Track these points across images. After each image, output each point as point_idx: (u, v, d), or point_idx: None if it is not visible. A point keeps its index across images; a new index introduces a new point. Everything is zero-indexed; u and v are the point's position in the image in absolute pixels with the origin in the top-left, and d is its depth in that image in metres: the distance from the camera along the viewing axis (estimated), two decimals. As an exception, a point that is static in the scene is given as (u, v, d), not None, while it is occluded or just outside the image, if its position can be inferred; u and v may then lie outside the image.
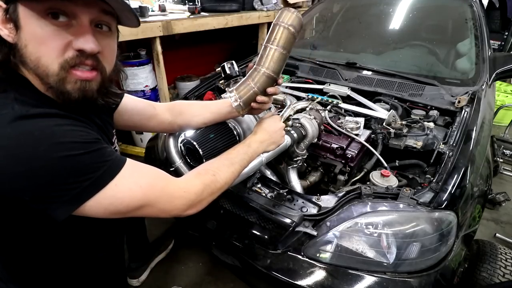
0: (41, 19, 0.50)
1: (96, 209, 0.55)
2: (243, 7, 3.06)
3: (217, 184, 0.72)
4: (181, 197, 0.65)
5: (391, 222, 0.91)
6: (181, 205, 0.65)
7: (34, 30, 0.50)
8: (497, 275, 1.12)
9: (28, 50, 0.51)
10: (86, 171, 0.52)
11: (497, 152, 2.52)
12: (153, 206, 0.62)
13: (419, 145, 1.21)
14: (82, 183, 0.51)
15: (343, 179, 1.21)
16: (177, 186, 0.66)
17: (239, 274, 1.20)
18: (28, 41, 0.51)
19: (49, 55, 0.52)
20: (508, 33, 3.37)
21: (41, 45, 0.51)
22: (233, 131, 0.98)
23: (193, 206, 0.68)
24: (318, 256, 0.94)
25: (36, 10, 0.49)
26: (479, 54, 1.59)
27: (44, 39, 0.51)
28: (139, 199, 0.59)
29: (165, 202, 0.63)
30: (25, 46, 0.51)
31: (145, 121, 0.94)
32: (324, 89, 1.58)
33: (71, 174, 0.50)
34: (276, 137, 0.92)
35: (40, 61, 0.52)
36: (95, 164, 0.53)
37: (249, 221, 1.09)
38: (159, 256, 1.69)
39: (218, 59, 3.81)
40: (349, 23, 2.32)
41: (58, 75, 0.53)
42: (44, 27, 0.50)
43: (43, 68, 0.52)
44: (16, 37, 0.51)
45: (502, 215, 2.08)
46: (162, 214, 0.64)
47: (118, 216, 0.59)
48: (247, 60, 2.08)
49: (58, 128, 0.51)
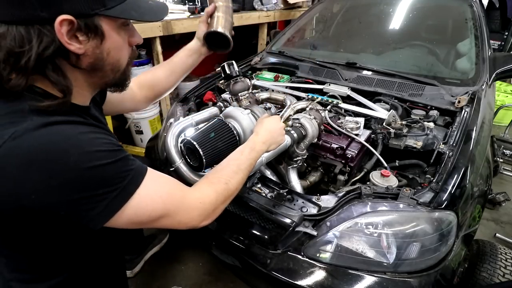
0: (120, 29, 0.59)
1: (122, 220, 0.56)
2: (243, 7, 3.06)
3: (229, 191, 0.74)
4: (198, 208, 0.66)
5: (391, 222, 0.91)
6: (197, 216, 0.67)
7: (117, 40, 0.59)
8: (497, 275, 1.12)
9: (111, 56, 0.60)
10: (114, 181, 0.53)
11: (497, 152, 2.52)
12: (172, 216, 0.63)
13: (419, 145, 1.21)
14: (111, 193, 0.53)
15: (343, 179, 1.21)
16: (194, 197, 0.67)
17: (239, 274, 1.20)
18: (111, 49, 0.59)
19: (124, 56, 0.64)
20: (508, 33, 3.37)
21: (120, 50, 0.61)
22: (233, 131, 0.98)
23: (208, 217, 0.69)
24: (318, 256, 0.94)
25: (118, 25, 0.58)
26: (479, 54, 1.59)
27: (123, 44, 0.62)
28: (160, 208, 0.60)
29: (183, 213, 0.65)
30: (108, 54, 0.59)
31: (124, 104, 1.00)
32: (324, 89, 1.58)
33: (101, 184, 0.52)
34: (277, 137, 0.93)
35: (119, 63, 0.62)
36: (122, 173, 0.55)
37: (249, 221, 1.09)
38: (153, 249, 1.71)
39: (218, 59, 3.81)
40: (349, 23, 2.32)
41: (126, 70, 0.65)
42: (122, 36, 0.61)
43: (118, 68, 0.63)
44: (97, 49, 0.56)
45: (502, 215, 2.08)
46: (179, 225, 0.65)
47: (138, 226, 0.61)
48: (247, 60, 2.08)
49: (83, 136, 0.53)
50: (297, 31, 2.36)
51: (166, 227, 0.64)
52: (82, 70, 0.58)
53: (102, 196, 0.52)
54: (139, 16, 0.59)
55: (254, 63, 2.02)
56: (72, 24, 0.50)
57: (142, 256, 1.65)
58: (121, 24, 0.59)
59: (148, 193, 0.58)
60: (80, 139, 0.51)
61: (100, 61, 0.58)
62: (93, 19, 0.53)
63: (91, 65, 0.57)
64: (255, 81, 1.75)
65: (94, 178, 0.51)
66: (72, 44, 0.52)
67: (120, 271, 1.02)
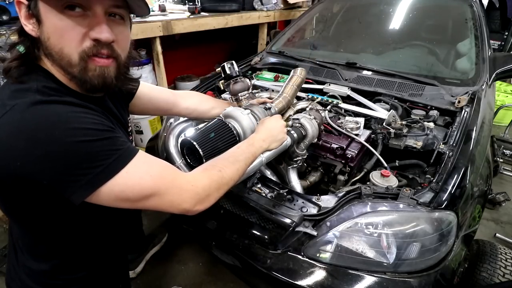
0: (59, 13, 0.54)
1: (108, 196, 0.56)
2: (243, 7, 3.07)
3: (223, 179, 0.73)
4: (189, 190, 0.66)
5: (391, 222, 0.91)
6: (189, 199, 0.66)
7: (54, 23, 0.55)
8: (497, 275, 1.12)
9: (51, 42, 0.56)
10: (98, 157, 0.54)
11: (497, 152, 2.52)
12: (162, 197, 0.62)
13: (419, 145, 1.21)
14: (94, 169, 0.53)
15: (343, 179, 1.21)
16: (185, 179, 0.67)
17: (239, 274, 1.20)
18: (50, 34, 0.55)
19: (69, 45, 0.56)
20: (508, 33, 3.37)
21: (61, 37, 0.56)
22: (233, 131, 0.98)
23: (201, 201, 0.68)
24: (318, 256, 0.94)
25: (54, 5, 0.54)
26: (479, 54, 1.59)
27: (63, 31, 0.55)
28: (149, 187, 0.60)
29: (173, 193, 0.64)
30: (48, 39, 0.56)
31: (163, 106, 1.07)
32: (324, 89, 1.58)
33: (84, 159, 0.53)
34: (278, 136, 0.95)
35: (63, 52, 0.57)
36: (107, 151, 0.55)
37: (249, 221, 1.09)
38: (153, 249, 1.72)
39: (218, 59, 3.81)
40: (349, 23, 2.32)
41: (79, 64, 0.58)
42: (63, 20, 0.55)
43: (66, 59, 0.57)
44: (39, 31, 0.56)
45: (502, 215, 2.08)
46: (171, 207, 0.64)
47: (128, 205, 0.60)
48: (247, 60, 2.08)
49: (73, 114, 0.54)
50: (297, 31, 2.36)
51: (157, 208, 0.64)
52: (46, 57, 0.59)
53: (85, 170, 0.53)
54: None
55: (254, 63, 2.02)
56: (24, 6, 0.55)
57: (143, 256, 1.66)
58: (61, 7, 0.54)
59: (137, 171, 0.59)
60: (70, 116, 0.54)
61: (44, 46, 0.57)
62: (36, 1, 0.54)
63: (44, 50, 0.58)
64: (255, 81, 1.75)
65: (77, 152, 0.52)
66: (26, 25, 0.56)
67: (123, 271, 1.03)
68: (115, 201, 0.58)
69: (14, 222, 0.71)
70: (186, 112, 1.17)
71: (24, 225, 0.67)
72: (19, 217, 0.66)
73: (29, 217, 0.64)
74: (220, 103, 1.25)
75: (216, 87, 1.73)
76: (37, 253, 0.72)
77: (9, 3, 1.74)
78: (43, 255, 0.72)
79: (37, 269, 0.72)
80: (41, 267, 0.72)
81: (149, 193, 0.60)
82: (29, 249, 0.72)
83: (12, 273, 0.77)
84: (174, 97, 1.11)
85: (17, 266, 0.75)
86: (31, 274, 0.73)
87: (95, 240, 0.78)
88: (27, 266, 0.73)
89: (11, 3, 1.75)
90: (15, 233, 0.74)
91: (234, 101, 1.24)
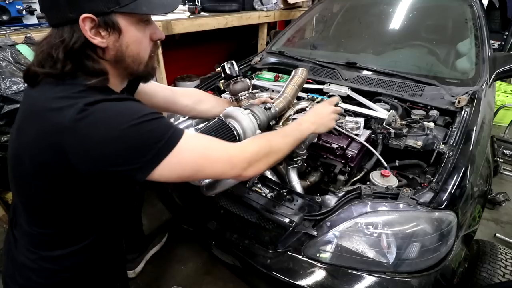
0: (137, 25, 0.66)
1: (169, 170, 0.63)
2: (243, 7, 3.06)
3: (272, 148, 0.80)
4: (238, 156, 0.72)
5: (391, 222, 0.91)
6: (239, 163, 0.72)
7: (134, 34, 0.66)
8: (497, 275, 1.12)
9: (131, 49, 0.67)
10: (159, 133, 0.62)
11: (497, 152, 2.52)
12: (214, 164, 0.69)
13: (419, 145, 1.20)
14: (157, 143, 0.61)
15: (343, 179, 1.21)
16: (234, 147, 0.75)
17: (239, 274, 1.20)
18: (130, 42, 0.66)
19: (144, 49, 0.70)
20: (508, 33, 3.37)
21: (140, 43, 0.68)
22: (233, 131, 0.98)
23: (252, 166, 0.74)
24: (318, 256, 0.94)
25: (135, 20, 0.65)
26: (479, 54, 1.59)
27: (142, 38, 0.69)
28: (203, 156, 0.67)
29: (224, 161, 0.70)
30: (127, 47, 0.66)
31: (162, 103, 1.08)
32: (324, 89, 1.58)
33: (149, 136, 0.60)
34: (326, 120, 1.00)
35: (139, 55, 0.69)
36: (164, 127, 0.63)
37: (249, 221, 1.09)
38: (153, 249, 1.73)
39: (218, 59, 3.80)
40: (349, 23, 2.32)
41: (147, 63, 0.72)
42: (140, 30, 0.67)
43: (140, 60, 0.70)
44: (116, 42, 0.64)
45: (502, 215, 2.08)
46: (223, 173, 0.71)
47: (186, 176, 0.67)
48: (247, 60, 2.08)
49: (129, 103, 0.64)
50: (297, 31, 2.36)
51: (212, 176, 0.72)
52: (108, 61, 0.67)
53: (151, 146, 0.60)
54: (149, 10, 0.65)
55: (254, 63, 2.02)
56: (94, 22, 0.60)
57: (143, 255, 1.66)
58: (138, 20, 0.66)
59: (189, 143, 0.66)
60: (128, 104, 0.63)
61: (120, 53, 0.66)
62: (110, 16, 0.61)
63: (114, 57, 0.66)
64: (255, 81, 1.75)
65: (143, 130, 0.60)
66: (95, 38, 0.62)
67: (121, 271, 1.03)
68: (173, 175, 0.64)
69: (41, 216, 0.71)
70: (185, 110, 1.17)
71: (54, 218, 0.71)
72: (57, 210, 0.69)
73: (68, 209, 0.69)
74: (220, 102, 1.25)
75: (216, 87, 1.73)
76: (57, 247, 0.74)
77: (9, 3, 1.74)
78: (61, 249, 0.74)
79: (43, 267, 0.73)
80: (48, 265, 0.73)
81: (203, 163, 0.67)
82: (45, 244, 0.74)
83: (16, 273, 0.77)
84: (173, 94, 1.11)
85: (23, 265, 0.75)
86: (39, 270, 0.74)
87: (104, 232, 0.81)
88: (36, 263, 0.73)
89: (11, 3, 1.75)
90: (29, 231, 0.74)
91: (234, 101, 1.24)
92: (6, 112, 1.23)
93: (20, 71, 1.30)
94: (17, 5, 1.78)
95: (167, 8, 0.69)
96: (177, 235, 1.83)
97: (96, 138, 0.57)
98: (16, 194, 0.73)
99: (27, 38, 1.45)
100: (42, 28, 1.81)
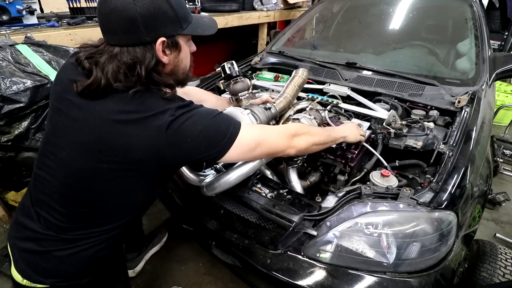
0: (187, 42, 0.80)
1: (239, 149, 0.78)
2: (243, 7, 3.07)
3: (310, 132, 0.96)
4: (283, 132, 0.89)
5: (391, 222, 0.91)
6: (285, 138, 0.88)
7: (186, 50, 0.80)
8: (497, 275, 1.12)
9: (183, 63, 0.81)
10: (227, 123, 0.77)
11: (497, 152, 2.52)
12: (267, 141, 0.84)
13: (419, 145, 1.21)
14: (228, 129, 0.76)
15: (343, 179, 1.21)
16: (279, 126, 1.00)
17: (239, 274, 1.20)
18: (183, 58, 0.79)
19: (189, 62, 0.84)
20: (508, 33, 3.36)
21: (187, 57, 0.82)
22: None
23: (295, 137, 0.90)
24: (318, 256, 0.94)
25: (187, 39, 0.79)
26: (479, 54, 1.59)
27: (188, 54, 0.82)
28: (258, 135, 0.83)
29: (274, 137, 0.87)
30: (181, 61, 0.79)
31: None
32: (324, 89, 1.58)
33: (222, 125, 0.76)
34: (356, 133, 1.14)
35: (186, 67, 0.83)
36: (228, 119, 0.79)
37: (249, 221, 1.09)
38: (153, 248, 1.72)
39: (218, 59, 3.81)
40: (349, 23, 2.32)
41: (188, 71, 0.85)
42: (188, 47, 0.81)
43: (185, 70, 0.83)
44: (176, 59, 0.77)
45: (502, 215, 2.08)
46: (270, 149, 0.86)
47: (249, 155, 0.83)
48: (247, 60, 2.08)
49: (200, 105, 0.78)
50: (297, 31, 2.36)
51: (268, 151, 0.86)
52: (166, 74, 0.78)
53: (224, 131, 0.75)
54: (202, 32, 0.79)
55: (254, 63, 2.02)
56: (163, 43, 0.71)
57: (143, 255, 1.66)
58: (188, 39, 0.80)
59: (248, 128, 0.82)
60: (197, 106, 0.77)
61: (177, 67, 0.79)
62: (175, 38, 0.74)
63: (171, 71, 0.79)
64: (255, 81, 1.75)
65: (217, 122, 0.76)
66: (164, 57, 0.73)
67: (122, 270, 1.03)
68: (239, 155, 0.80)
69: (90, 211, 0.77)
70: None
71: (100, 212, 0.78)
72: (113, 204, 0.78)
73: None
74: (220, 102, 1.25)
75: (216, 87, 1.73)
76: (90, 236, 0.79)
77: (9, 3, 1.74)
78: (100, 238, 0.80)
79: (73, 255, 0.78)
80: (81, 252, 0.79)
81: (259, 141, 0.82)
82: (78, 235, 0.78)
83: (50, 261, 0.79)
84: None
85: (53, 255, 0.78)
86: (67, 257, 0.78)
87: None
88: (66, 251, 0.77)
89: (11, 3, 1.75)
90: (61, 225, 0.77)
91: (234, 101, 1.24)
92: (6, 112, 1.23)
93: (20, 71, 1.30)
94: (17, 5, 1.79)
95: (213, 29, 0.85)
96: (177, 235, 1.83)
97: (187, 134, 0.70)
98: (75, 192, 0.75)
99: (27, 38, 1.45)
100: (42, 28, 1.81)
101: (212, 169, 1.24)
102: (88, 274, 0.83)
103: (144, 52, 0.70)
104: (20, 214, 0.82)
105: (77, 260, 0.79)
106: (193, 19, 0.78)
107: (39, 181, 0.79)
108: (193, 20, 0.78)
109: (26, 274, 0.78)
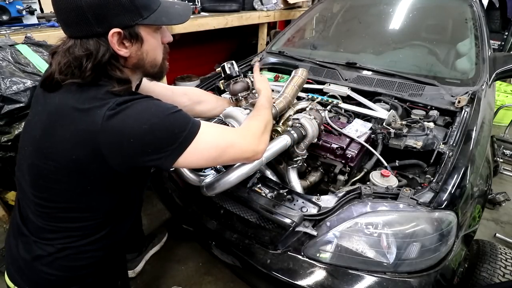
0: (154, 34, 0.72)
1: (195, 156, 0.70)
2: (243, 7, 3.06)
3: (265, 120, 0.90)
4: (248, 134, 0.81)
5: (391, 222, 0.91)
6: (252, 140, 0.81)
7: (152, 42, 0.72)
8: (497, 275, 1.12)
9: (150, 55, 0.73)
10: (182, 122, 0.69)
11: (497, 152, 2.52)
12: (234, 146, 0.77)
13: (419, 145, 1.21)
14: (182, 133, 0.67)
15: (343, 179, 1.21)
16: (241, 128, 0.85)
17: (239, 274, 1.20)
18: (149, 50, 0.72)
19: (159, 54, 0.77)
20: (508, 33, 3.36)
21: (155, 49, 0.75)
22: (233, 131, 0.98)
23: (260, 138, 0.84)
24: (318, 256, 0.94)
25: (153, 30, 0.71)
26: (479, 54, 1.59)
27: (157, 45, 0.75)
28: (222, 140, 0.75)
29: (241, 140, 0.79)
30: (146, 54, 0.72)
31: None
32: (324, 89, 1.58)
33: (175, 126, 0.67)
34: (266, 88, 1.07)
35: (155, 60, 0.76)
36: (185, 118, 0.70)
37: (249, 221, 1.09)
38: (153, 249, 1.72)
39: (218, 59, 3.80)
40: (349, 23, 2.32)
41: (161, 64, 0.78)
42: (156, 38, 0.73)
43: (155, 63, 0.76)
44: (138, 51, 0.70)
45: (502, 215, 2.08)
46: (242, 153, 0.79)
47: (211, 161, 0.75)
48: (247, 60, 2.08)
49: (153, 100, 0.70)
50: (297, 31, 2.36)
51: (231, 158, 0.78)
52: (129, 68, 0.72)
53: (177, 135, 0.67)
54: (168, 21, 0.71)
55: (254, 63, 2.02)
56: (120, 35, 0.65)
57: (143, 255, 1.66)
58: (155, 29, 0.72)
59: (208, 131, 0.73)
60: (151, 101, 0.70)
61: (141, 61, 0.72)
62: (134, 28, 0.66)
63: (135, 64, 0.72)
64: (255, 81, 1.74)
65: (169, 122, 0.66)
66: (121, 50, 0.67)
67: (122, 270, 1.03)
68: (201, 160, 0.72)
69: (63, 212, 0.73)
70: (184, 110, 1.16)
71: (76, 212, 0.74)
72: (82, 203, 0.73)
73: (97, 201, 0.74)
74: (220, 102, 1.25)
75: (216, 87, 1.73)
76: (76, 239, 0.76)
77: (9, 3, 1.74)
78: (91, 241, 0.77)
79: (57, 258, 0.75)
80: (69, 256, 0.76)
81: (225, 145, 0.75)
82: (63, 237, 0.75)
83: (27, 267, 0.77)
84: (171, 93, 1.11)
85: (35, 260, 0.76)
86: (52, 262, 0.75)
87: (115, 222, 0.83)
88: (52, 256, 0.75)
89: (11, 3, 1.75)
90: (43, 226, 0.74)
91: (234, 101, 1.24)
92: (6, 112, 1.23)
93: (20, 71, 1.30)
94: (17, 5, 1.78)
95: (183, 18, 0.75)
96: (177, 235, 1.83)
97: (128, 132, 0.62)
98: (37, 191, 0.72)
99: (27, 38, 1.45)
100: (42, 28, 1.81)
101: (212, 169, 1.24)
102: (71, 283, 0.78)
103: (98, 44, 0.64)
104: (13, 216, 0.82)
105: (56, 269, 0.75)
106: (160, 6, 0.70)
107: (17, 179, 0.78)
108: (159, 8, 0.69)
109: (15, 279, 0.77)
